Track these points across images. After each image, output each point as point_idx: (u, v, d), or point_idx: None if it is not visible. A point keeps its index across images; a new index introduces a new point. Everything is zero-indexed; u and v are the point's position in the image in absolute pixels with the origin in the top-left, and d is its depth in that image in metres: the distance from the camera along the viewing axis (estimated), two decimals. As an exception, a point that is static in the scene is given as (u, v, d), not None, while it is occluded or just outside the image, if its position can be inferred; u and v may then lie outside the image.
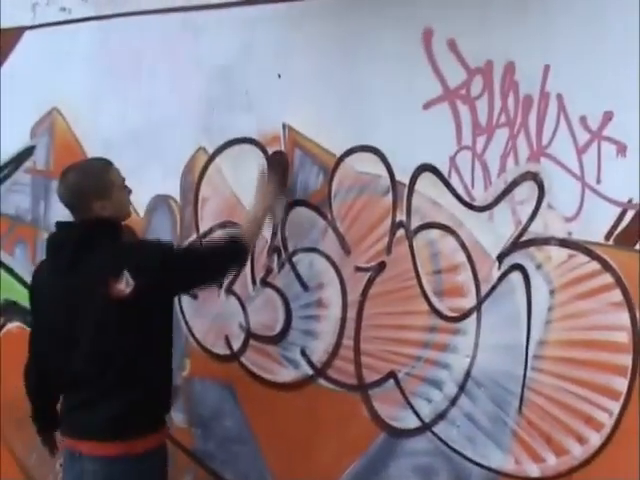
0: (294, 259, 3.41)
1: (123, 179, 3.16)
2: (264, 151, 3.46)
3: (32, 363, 3.29)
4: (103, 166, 3.11)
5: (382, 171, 3.13)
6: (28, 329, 4.04)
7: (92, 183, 3.02)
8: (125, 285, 2.86)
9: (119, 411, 2.95)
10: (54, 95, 4.15)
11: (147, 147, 3.81)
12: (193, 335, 3.76)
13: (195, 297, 3.74)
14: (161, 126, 3.77)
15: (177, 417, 3.73)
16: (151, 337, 2.99)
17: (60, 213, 4.06)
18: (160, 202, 3.84)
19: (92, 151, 3.94)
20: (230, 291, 3.62)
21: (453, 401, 3.02)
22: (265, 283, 3.50)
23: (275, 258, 3.47)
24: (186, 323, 3.77)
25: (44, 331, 3.15)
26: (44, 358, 3.18)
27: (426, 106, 3.01)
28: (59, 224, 3.18)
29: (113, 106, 3.93)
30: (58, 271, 3.01)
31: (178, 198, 3.77)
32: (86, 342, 2.96)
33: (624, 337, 2.62)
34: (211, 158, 3.65)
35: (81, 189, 3.01)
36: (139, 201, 3.84)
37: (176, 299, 3.78)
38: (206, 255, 3.19)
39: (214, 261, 3.11)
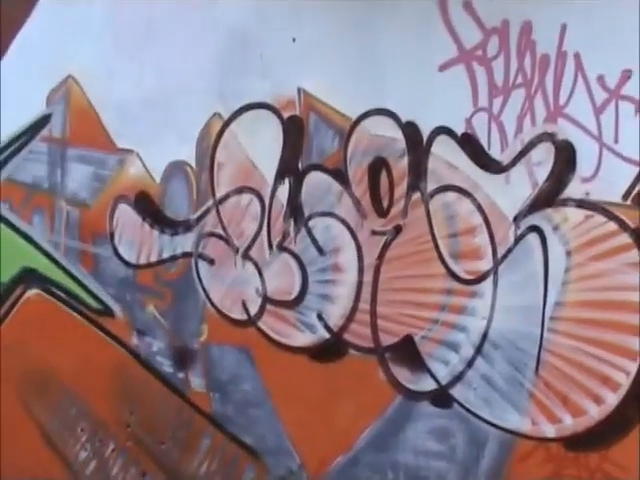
0: (310, 224, 3.41)
1: None
2: (279, 116, 3.45)
3: None
4: None
5: (398, 134, 3.12)
6: (47, 296, 4.11)
7: None
8: None
9: None
10: (69, 63, 4.13)
11: (162, 113, 3.80)
12: (210, 300, 3.77)
13: (212, 262, 3.75)
14: (176, 92, 3.75)
15: (195, 382, 3.76)
16: None
17: (78, 181, 4.13)
18: (176, 168, 3.83)
19: (107, 118, 3.94)
20: (247, 256, 3.63)
21: (470, 363, 3.03)
22: (281, 248, 3.50)
23: (291, 223, 3.47)
24: (203, 289, 3.79)
25: None
26: None
27: (442, 68, 2.99)
28: None
29: (128, 73, 3.90)
30: None
31: (194, 164, 3.77)
32: None
33: (641, 297, 2.62)
34: (226, 123, 3.63)
35: None
36: (155, 168, 3.84)
37: (193, 265, 3.81)
38: None
39: None
